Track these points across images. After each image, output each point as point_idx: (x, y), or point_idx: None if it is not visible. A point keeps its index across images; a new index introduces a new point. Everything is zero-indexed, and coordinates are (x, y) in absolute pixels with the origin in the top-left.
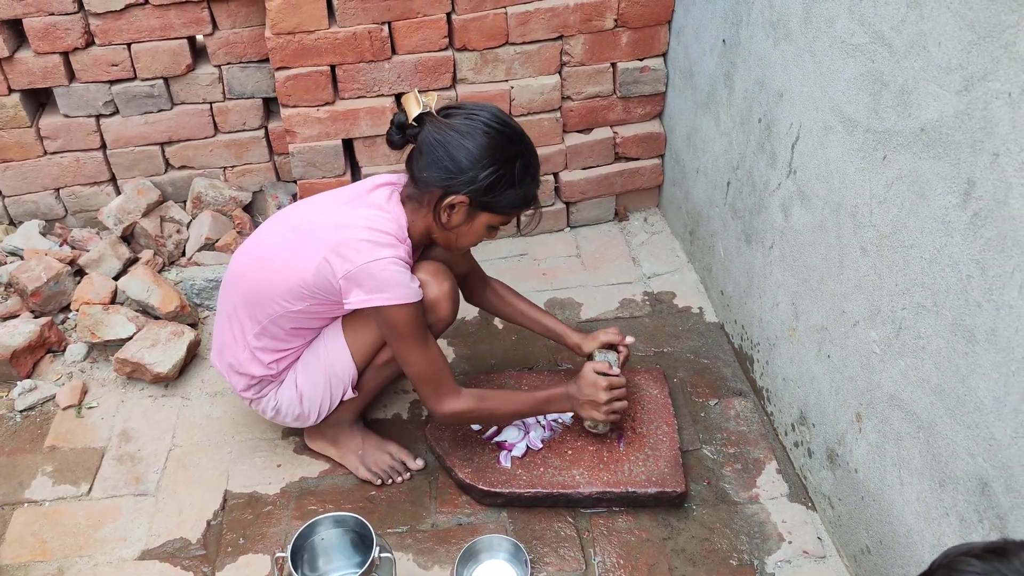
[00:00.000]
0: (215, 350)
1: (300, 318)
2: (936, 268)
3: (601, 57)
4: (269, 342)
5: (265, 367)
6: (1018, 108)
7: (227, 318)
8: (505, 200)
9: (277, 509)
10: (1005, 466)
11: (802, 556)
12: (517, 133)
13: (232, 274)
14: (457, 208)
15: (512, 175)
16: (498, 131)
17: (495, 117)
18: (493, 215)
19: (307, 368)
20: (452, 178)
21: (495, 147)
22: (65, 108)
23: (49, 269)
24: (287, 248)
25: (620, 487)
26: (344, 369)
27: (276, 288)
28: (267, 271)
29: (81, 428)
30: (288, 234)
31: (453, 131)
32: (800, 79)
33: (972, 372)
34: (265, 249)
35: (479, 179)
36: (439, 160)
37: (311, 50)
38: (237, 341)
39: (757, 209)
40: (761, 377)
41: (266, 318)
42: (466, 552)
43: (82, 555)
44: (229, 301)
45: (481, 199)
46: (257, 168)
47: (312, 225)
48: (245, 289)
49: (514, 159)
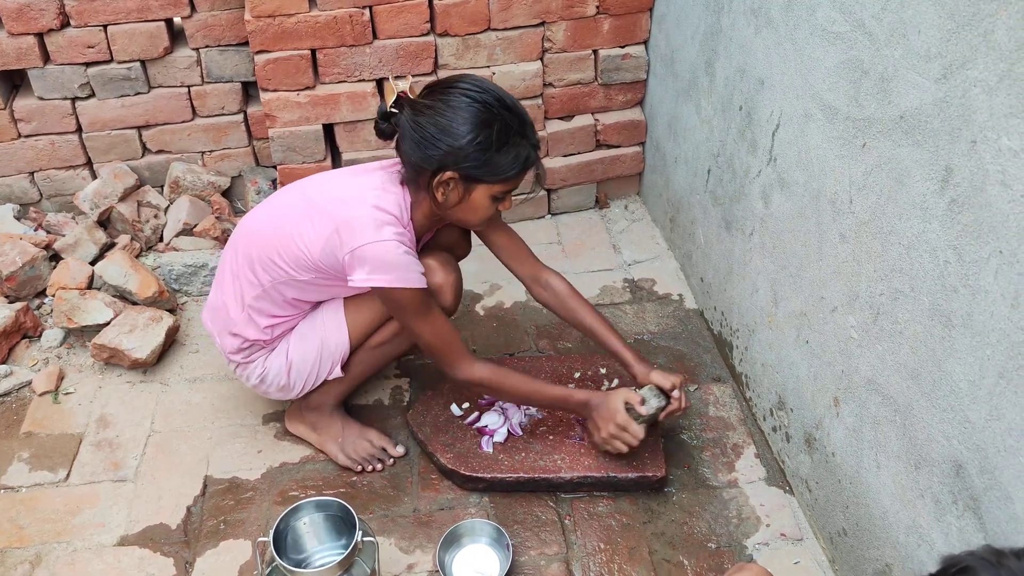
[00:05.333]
0: (208, 309)
1: (303, 288)
2: (914, 254)
3: (583, 44)
4: (267, 306)
5: (260, 331)
6: (995, 96)
7: (231, 275)
8: (496, 167)
9: (258, 495)
10: (979, 448)
11: (780, 539)
12: (495, 97)
13: (244, 230)
14: (451, 184)
15: (491, 141)
16: (473, 99)
17: (470, 86)
18: (490, 185)
19: (301, 338)
20: (435, 155)
21: (471, 116)
22: (40, 90)
23: (24, 253)
24: (298, 217)
25: (601, 472)
26: (338, 344)
27: (284, 254)
28: (278, 235)
29: (58, 414)
30: (302, 203)
31: (428, 108)
32: (781, 67)
33: (948, 356)
34: (279, 213)
35: (460, 151)
36: (420, 140)
37: (291, 33)
38: (236, 300)
39: (737, 196)
40: (740, 363)
41: (268, 281)
42: (448, 536)
43: (60, 541)
44: (234, 258)
45: (471, 171)
46: (236, 153)
47: (324, 198)
48: (255, 247)
49: (491, 123)
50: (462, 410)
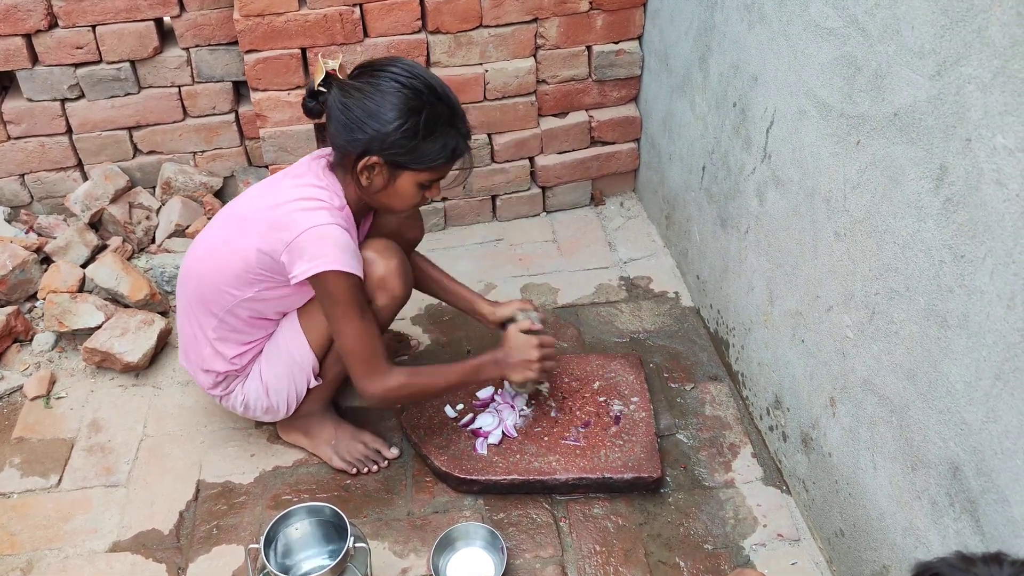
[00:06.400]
0: (181, 350)
1: (254, 306)
2: (909, 253)
3: (576, 40)
4: (229, 335)
5: (228, 362)
6: (990, 93)
7: (186, 316)
8: (422, 155)
9: (251, 499)
10: (976, 450)
11: (777, 539)
12: (425, 84)
13: (184, 270)
14: (376, 169)
15: (418, 128)
16: (402, 84)
17: (400, 71)
18: (416, 173)
19: (269, 359)
20: (360, 139)
21: (399, 102)
22: (29, 92)
23: (14, 257)
24: (230, 236)
25: (596, 473)
26: (304, 357)
27: (224, 277)
28: (214, 263)
29: (50, 419)
30: (231, 222)
31: (356, 91)
32: (775, 63)
33: (944, 357)
34: (211, 241)
35: (386, 136)
36: (346, 122)
37: (281, 32)
38: (198, 338)
39: (732, 194)
40: (736, 362)
41: (221, 310)
42: (442, 540)
43: (52, 547)
44: (185, 299)
45: (395, 158)
46: (228, 153)
47: (252, 208)
48: (196, 284)
49: (419, 111)
50: (456, 412)
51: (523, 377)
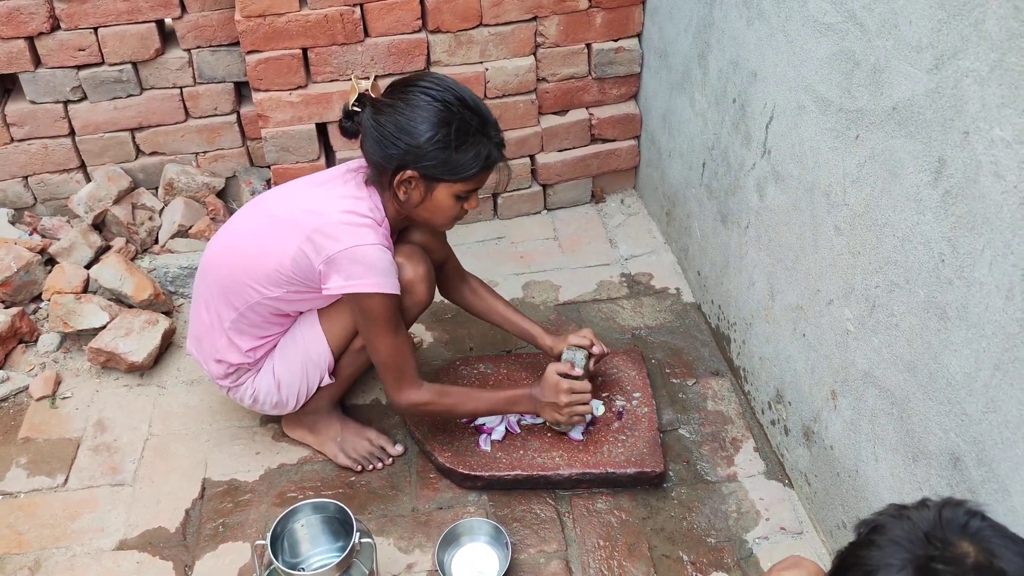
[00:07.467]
0: (191, 338)
1: (277, 305)
2: (908, 246)
3: (576, 38)
4: (247, 328)
5: (243, 354)
6: (987, 87)
7: (204, 305)
8: (455, 166)
9: (256, 497)
10: (976, 441)
11: (780, 532)
12: (455, 96)
13: (207, 262)
14: (412, 183)
15: (450, 139)
16: (432, 98)
17: (430, 85)
18: (451, 184)
19: (284, 354)
20: (395, 154)
21: (429, 115)
22: (31, 94)
23: (19, 258)
24: (263, 234)
25: (599, 468)
26: (320, 355)
27: (252, 274)
28: (243, 258)
29: (55, 419)
30: (263, 220)
31: (388, 107)
32: (774, 59)
33: (944, 349)
34: (240, 236)
35: (419, 149)
36: (379, 139)
37: (282, 33)
38: (215, 327)
39: (732, 189)
40: (738, 356)
41: (243, 304)
42: (447, 536)
43: (59, 546)
44: (206, 288)
45: (429, 170)
46: (230, 153)
47: (288, 210)
48: (221, 276)
49: (450, 122)
50: None
51: (552, 419)
